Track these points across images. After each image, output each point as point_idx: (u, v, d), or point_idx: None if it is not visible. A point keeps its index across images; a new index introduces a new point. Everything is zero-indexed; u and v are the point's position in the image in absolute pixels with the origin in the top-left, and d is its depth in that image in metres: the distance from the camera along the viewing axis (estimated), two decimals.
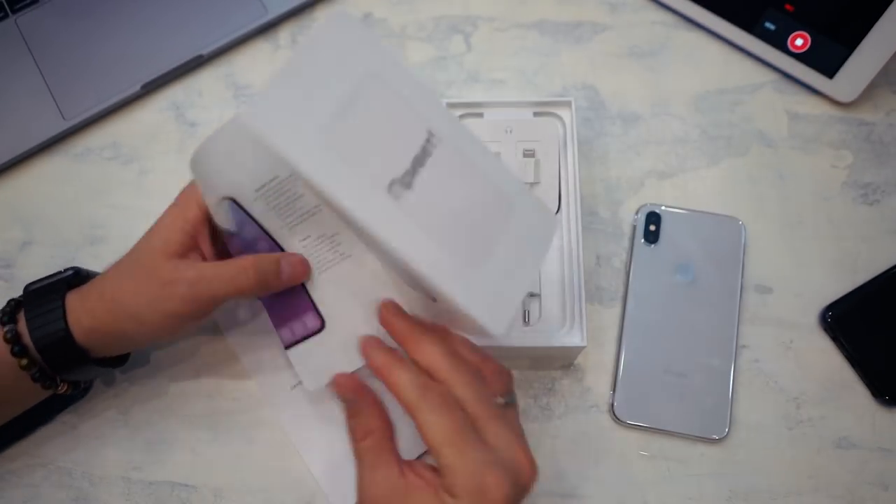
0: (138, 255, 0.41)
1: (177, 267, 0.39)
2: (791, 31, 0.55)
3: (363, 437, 0.37)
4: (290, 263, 0.41)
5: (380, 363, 0.37)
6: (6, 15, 0.57)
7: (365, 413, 0.37)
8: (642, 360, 0.48)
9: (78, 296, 0.41)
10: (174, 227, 0.40)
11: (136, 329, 0.40)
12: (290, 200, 0.41)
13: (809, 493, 0.46)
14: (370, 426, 0.37)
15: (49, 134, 0.54)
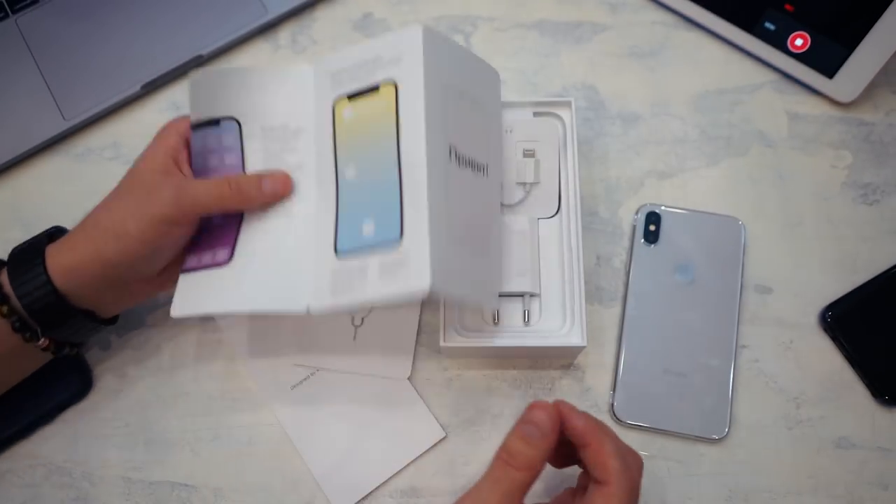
0: (125, 180, 0.43)
1: (162, 178, 0.41)
2: (791, 31, 0.55)
3: (522, 468, 0.35)
4: (273, 179, 0.42)
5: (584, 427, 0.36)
6: (6, 15, 0.57)
7: (541, 451, 0.35)
8: (642, 360, 0.48)
9: (59, 241, 0.42)
10: (156, 152, 0.42)
11: (118, 248, 0.40)
12: (283, 150, 0.44)
13: (809, 492, 0.46)
14: (534, 463, 0.35)
15: (49, 134, 0.54)
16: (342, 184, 0.41)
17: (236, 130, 0.44)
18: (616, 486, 0.34)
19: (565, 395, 0.48)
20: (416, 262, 0.37)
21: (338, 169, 0.42)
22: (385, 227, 0.39)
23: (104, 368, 0.49)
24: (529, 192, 0.50)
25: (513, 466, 0.35)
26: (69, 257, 0.41)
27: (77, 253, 0.41)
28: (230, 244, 0.43)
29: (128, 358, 0.49)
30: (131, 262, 0.41)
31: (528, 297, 0.47)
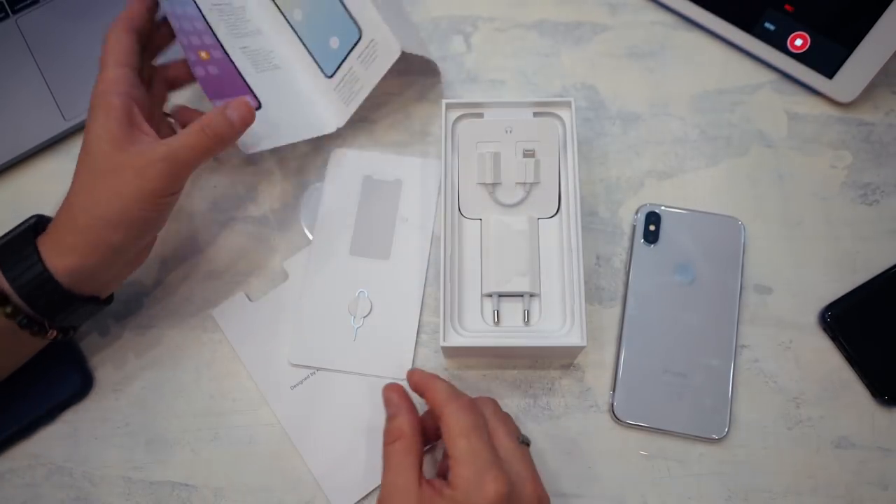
0: (95, 163, 0.41)
1: (142, 151, 0.40)
2: (791, 31, 0.55)
3: (393, 440, 0.40)
4: (234, 108, 0.43)
5: (418, 378, 0.42)
6: (7, 15, 0.57)
7: (400, 418, 0.41)
8: (642, 359, 0.48)
9: (50, 238, 0.41)
10: (110, 123, 0.40)
11: (126, 234, 0.41)
12: (237, 22, 0.53)
13: (808, 492, 0.46)
14: (402, 430, 0.40)
15: (50, 134, 0.54)
16: (296, 26, 0.54)
17: (192, 2, 0.51)
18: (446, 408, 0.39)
19: (565, 395, 0.48)
20: (381, 38, 0.50)
21: (287, 18, 0.54)
22: (346, 34, 0.51)
23: (105, 368, 0.49)
24: (529, 192, 0.50)
25: (388, 442, 0.40)
26: (72, 257, 0.40)
27: (81, 249, 0.40)
28: (250, 92, 0.51)
29: (128, 358, 0.49)
30: (138, 242, 0.42)
31: (528, 297, 0.47)
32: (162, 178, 0.40)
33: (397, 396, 0.42)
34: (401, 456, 0.39)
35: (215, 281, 0.51)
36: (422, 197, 0.53)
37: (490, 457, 0.37)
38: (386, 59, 0.50)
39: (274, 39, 0.54)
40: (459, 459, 0.37)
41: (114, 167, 0.40)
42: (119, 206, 0.40)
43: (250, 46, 0.53)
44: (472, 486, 0.36)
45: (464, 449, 0.37)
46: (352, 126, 0.54)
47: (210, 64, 0.50)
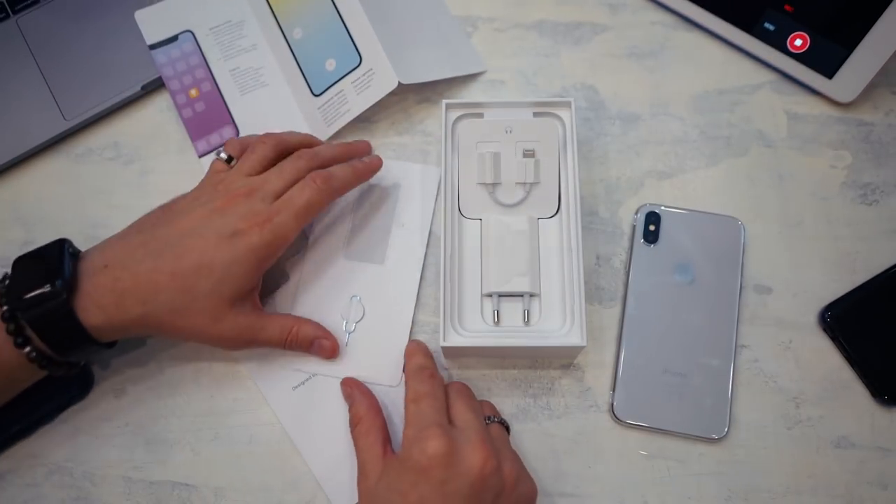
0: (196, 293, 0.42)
1: (236, 321, 0.43)
2: (790, 31, 0.55)
3: (354, 425, 0.44)
4: (320, 346, 0.47)
5: (409, 349, 0.46)
6: (7, 15, 0.57)
7: (356, 405, 0.44)
8: (642, 359, 0.48)
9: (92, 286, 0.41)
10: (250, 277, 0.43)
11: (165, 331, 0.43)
12: (234, 39, 0.56)
13: (808, 492, 0.46)
14: (359, 415, 0.44)
15: (50, 134, 0.54)
16: (293, 43, 0.54)
17: (192, 38, 0.55)
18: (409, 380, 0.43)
19: (565, 394, 0.48)
20: (380, 69, 0.51)
21: (285, 35, 0.55)
22: (345, 59, 0.53)
23: (104, 368, 0.49)
24: (529, 192, 0.50)
25: (352, 429, 0.44)
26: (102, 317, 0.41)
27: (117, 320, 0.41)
28: (229, 121, 0.54)
29: (128, 358, 0.49)
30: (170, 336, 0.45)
31: (528, 297, 0.47)
32: (232, 341, 0.44)
33: (348, 388, 0.46)
34: (364, 436, 0.42)
35: None
36: (420, 202, 0.52)
37: (435, 419, 0.39)
38: (381, 89, 0.51)
39: (267, 55, 0.55)
40: (407, 422, 0.40)
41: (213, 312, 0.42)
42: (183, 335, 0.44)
43: (240, 67, 0.55)
44: (413, 442, 0.38)
45: (412, 412, 0.40)
46: (352, 126, 0.54)
47: (198, 101, 0.55)
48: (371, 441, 0.42)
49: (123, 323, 0.41)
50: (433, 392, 0.42)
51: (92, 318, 0.40)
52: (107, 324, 0.41)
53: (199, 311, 0.42)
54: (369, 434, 0.42)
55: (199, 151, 0.54)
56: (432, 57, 0.55)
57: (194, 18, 0.56)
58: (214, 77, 0.55)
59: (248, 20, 0.56)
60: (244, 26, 0.56)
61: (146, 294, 0.41)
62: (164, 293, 0.41)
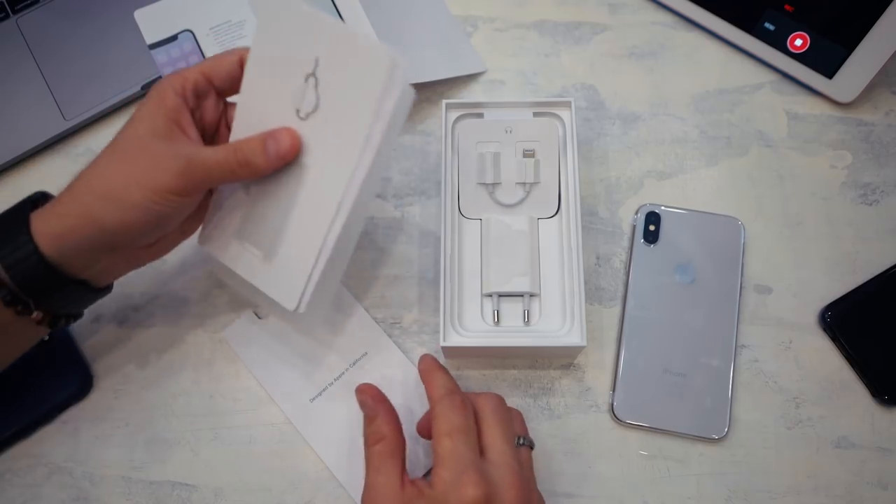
0: (121, 143, 0.39)
1: (170, 145, 0.39)
2: (790, 31, 0.55)
3: (375, 443, 0.40)
4: (276, 140, 0.40)
5: (422, 367, 0.42)
6: (7, 15, 0.57)
7: (379, 420, 0.41)
8: (642, 359, 0.48)
9: (44, 208, 0.39)
10: (157, 114, 0.39)
11: (119, 216, 0.38)
12: (233, 39, 0.55)
13: (809, 492, 0.46)
14: (382, 432, 0.40)
15: (50, 134, 0.54)
16: None
17: (192, 38, 0.54)
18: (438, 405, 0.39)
19: (565, 395, 0.48)
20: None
21: None
22: None
23: (104, 368, 0.49)
24: (529, 192, 0.50)
25: (369, 445, 0.40)
26: (59, 224, 0.38)
27: (68, 219, 0.38)
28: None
29: (128, 357, 0.49)
30: (131, 231, 0.39)
31: (528, 297, 0.47)
32: (173, 176, 0.38)
33: (371, 399, 0.42)
34: (382, 458, 0.39)
35: (215, 280, 0.51)
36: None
37: (471, 459, 0.37)
38: None
39: None
40: (441, 459, 0.37)
41: (134, 149, 0.38)
42: (120, 185, 0.38)
43: None
44: (450, 487, 0.36)
45: (447, 449, 0.37)
46: None
47: None
48: (390, 465, 0.39)
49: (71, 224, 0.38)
50: (467, 425, 0.38)
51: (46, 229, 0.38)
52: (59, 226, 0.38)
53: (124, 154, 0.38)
54: (390, 457, 0.39)
55: None
56: (432, 57, 0.55)
57: (194, 18, 0.56)
58: None
59: (249, 20, 0.56)
60: (244, 26, 0.56)
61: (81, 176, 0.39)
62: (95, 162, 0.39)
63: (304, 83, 0.39)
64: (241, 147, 0.40)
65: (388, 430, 0.40)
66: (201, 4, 0.56)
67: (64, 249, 0.38)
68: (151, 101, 0.39)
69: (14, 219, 0.38)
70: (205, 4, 0.56)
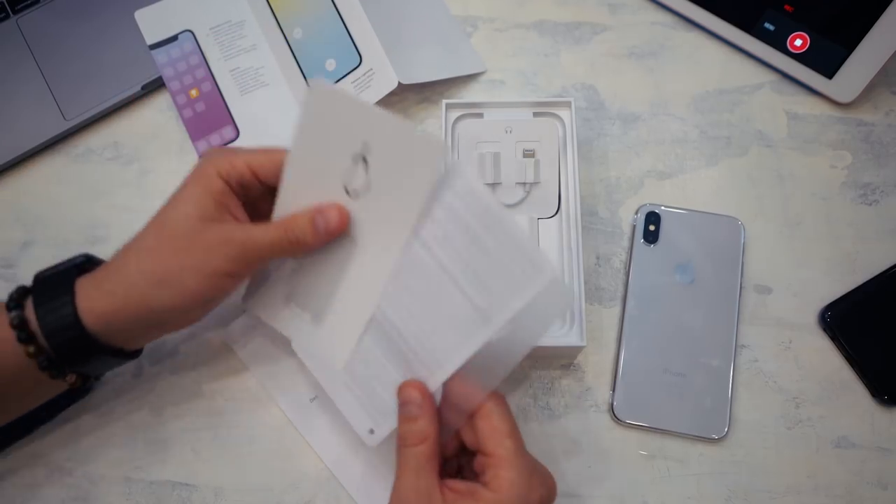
0: (171, 225, 0.39)
1: (223, 229, 0.39)
2: (790, 31, 0.55)
3: (418, 443, 0.37)
4: (324, 216, 0.40)
5: None
6: (7, 15, 0.57)
7: (424, 420, 0.38)
8: (642, 359, 0.48)
9: (91, 280, 0.39)
10: (204, 195, 0.39)
11: (171, 301, 0.38)
12: (233, 39, 0.56)
13: (808, 492, 0.46)
14: (427, 433, 0.37)
15: (50, 134, 0.54)
16: (293, 43, 0.54)
17: (192, 38, 0.55)
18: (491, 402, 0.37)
19: (565, 395, 0.48)
20: (380, 69, 0.51)
21: (285, 35, 0.55)
22: (346, 59, 0.53)
23: None
24: (529, 192, 0.50)
25: (410, 445, 0.37)
26: (106, 302, 0.38)
27: (117, 298, 0.38)
28: (229, 121, 0.54)
29: None
30: (182, 312, 0.40)
31: None
32: (229, 261, 0.39)
33: (421, 396, 0.38)
34: (423, 460, 0.37)
35: None
36: None
37: (531, 460, 0.37)
38: (381, 89, 0.51)
39: (267, 55, 0.56)
40: (504, 461, 0.35)
41: (187, 233, 0.39)
42: (174, 270, 0.38)
43: (240, 67, 0.55)
44: (521, 490, 0.35)
45: (510, 450, 0.36)
46: None
47: (198, 101, 0.55)
48: (430, 469, 0.37)
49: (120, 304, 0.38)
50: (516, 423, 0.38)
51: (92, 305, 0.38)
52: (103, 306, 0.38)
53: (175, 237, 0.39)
54: (430, 460, 0.37)
55: (200, 151, 0.54)
56: (432, 57, 0.55)
57: (194, 18, 0.56)
58: (214, 77, 0.55)
59: (248, 20, 0.56)
60: (244, 26, 0.56)
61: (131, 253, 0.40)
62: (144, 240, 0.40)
63: (352, 164, 0.39)
64: (291, 225, 0.40)
65: (433, 432, 0.38)
66: (201, 5, 0.56)
67: (109, 327, 0.39)
68: (198, 184, 0.40)
69: (60, 285, 0.39)
70: (205, 5, 0.56)
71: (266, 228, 0.40)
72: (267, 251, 0.40)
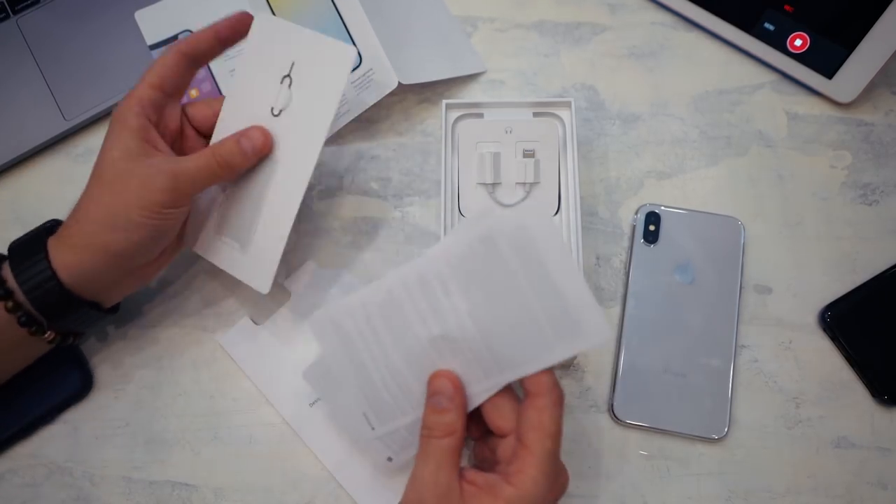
0: (105, 172, 0.41)
1: (151, 163, 0.41)
2: (790, 31, 0.55)
3: (444, 435, 0.37)
4: (248, 138, 0.43)
5: None
6: (7, 16, 0.57)
7: (454, 413, 0.37)
8: (642, 359, 0.48)
9: (57, 238, 0.42)
10: (126, 137, 0.41)
11: (124, 238, 0.41)
12: None
13: (808, 492, 0.46)
14: (455, 427, 0.37)
15: (50, 134, 0.54)
16: None
17: None
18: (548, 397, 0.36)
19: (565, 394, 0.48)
20: (380, 69, 0.51)
21: None
22: None
23: (105, 368, 0.49)
24: (529, 192, 0.50)
25: (435, 437, 0.37)
26: (73, 254, 0.41)
27: (80, 250, 0.41)
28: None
29: (128, 358, 0.49)
30: (138, 250, 0.42)
31: None
32: (164, 192, 0.41)
33: (454, 388, 0.38)
34: (448, 453, 0.36)
35: (214, 280, 0.51)
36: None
37: (559, 462, 0.37)
38: (380, 89, 0.52)
39: None
40: (539, 459, 0.35)
41: (120, 175, 0.41)
42: (120, 211, 0.41)
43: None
44: (542, 490, 0.35)
45: (549, 450, 0.35)
46: (352, 126, 0.54)
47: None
48: (453, 463, 0.36)
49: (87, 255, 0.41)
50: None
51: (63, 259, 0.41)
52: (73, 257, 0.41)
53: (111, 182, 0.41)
54: (455, 454, 0.37)
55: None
56: (432, 57, 0.55)
57: (194, 18, 0.56)
58: (214, 77, 0.55)
59: None
60: None
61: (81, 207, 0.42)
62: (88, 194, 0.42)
63: (279, 84, 0.44)
64: (218, 150, 0.43)
65: (461, 426, 0.37)
66: (201, 4, 0.56)
67: (80, 276, 0.41)
68: (117, 128, 0.42)
69: (32, 245, 0.42)
70: (205, 5, 0.56)
71: (196, 156, 0.42)
72: (199, 178, 0.42)
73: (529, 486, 0.35)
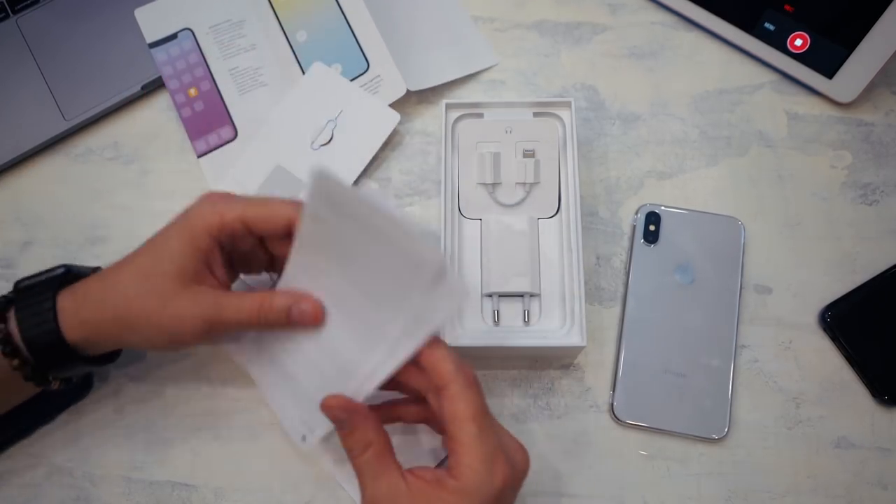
0: (147, 275, 0.39)
1: (194, 299, 0.39)
2: (790, 31, 0.55)
3: (363, 451, 0.37)
4: (302, 309, 0.40)
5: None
6: (7, 15, 0.57)
7: (361, 428, 0.37)
8: (642, 359, 0.48)
9: (72, 298, 0.40)
10: (186, 253, 0.39)
11: (138, 342, 0.40)
12: (233, 38, 0.56)
13: (808, 492, 0.46)
14: (368, 439, 0.37)
15: (50, 134, 0.54)
16: (297, 46, 0.55)
17: (191, 36, 0.55)
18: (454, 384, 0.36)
19: (565, 395, 0.48)
20: (388, 75, 0.52)
21: (288, 37, 0.55)
22: (353, 64, 0.54)
23: (104, 368, 0.49)
24: (529, 192, 0.50)
25: (357, 456, 0.37)
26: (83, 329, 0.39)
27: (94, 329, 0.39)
28: (227, 122, 0.55)
29: (128, 357, 0.49)
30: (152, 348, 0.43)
31: (528, 297, 0.47)
32: (194, 335, 0.39)
33: (341, 410, 0.38)
34: (376, 463, 0.37)
35: None
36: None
37: (495, 443, 0.36)
38: (388, 96, 0.53)
39: (268, 55, 0.56)
40: (466, 447, 0.35)
41: (160, 291, 0.39)
42: (144, 325, 0.39)
43: (239, 66, 0.55)
44: (483, 477, 0.34)
45: (472, 435, 0.35)
46: None
47: (197, 100, 0.54)
48: (387, 468, 0.36)
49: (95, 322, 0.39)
50: (485, 402, 0.37)
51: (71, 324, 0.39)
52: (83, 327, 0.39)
53: (149, 293, 0.39)
54: (384, 458, 0.37)
55: (198, 151, 0.54)
56: (441, 59, 0.56)
57: (194, 16, 0.56)
58: (213, 76, 0.55)
59: (249, 20, 0.56)
60: (244, 26, 0.56)
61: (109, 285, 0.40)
62: (122, 280, 0.40)
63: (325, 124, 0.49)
64: (266, 306, 0.40)
65: (373, 434, 0.37)
66: (201, 3, 0.56)
67: (86, 342, 0.40)
68: (184, 238, 0.39)
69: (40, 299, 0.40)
70: (204, 3, 0.56)
71: (240, 306, 0.39)
72: (234, 327, 0.40)
73: (470, 476, 0.34)
